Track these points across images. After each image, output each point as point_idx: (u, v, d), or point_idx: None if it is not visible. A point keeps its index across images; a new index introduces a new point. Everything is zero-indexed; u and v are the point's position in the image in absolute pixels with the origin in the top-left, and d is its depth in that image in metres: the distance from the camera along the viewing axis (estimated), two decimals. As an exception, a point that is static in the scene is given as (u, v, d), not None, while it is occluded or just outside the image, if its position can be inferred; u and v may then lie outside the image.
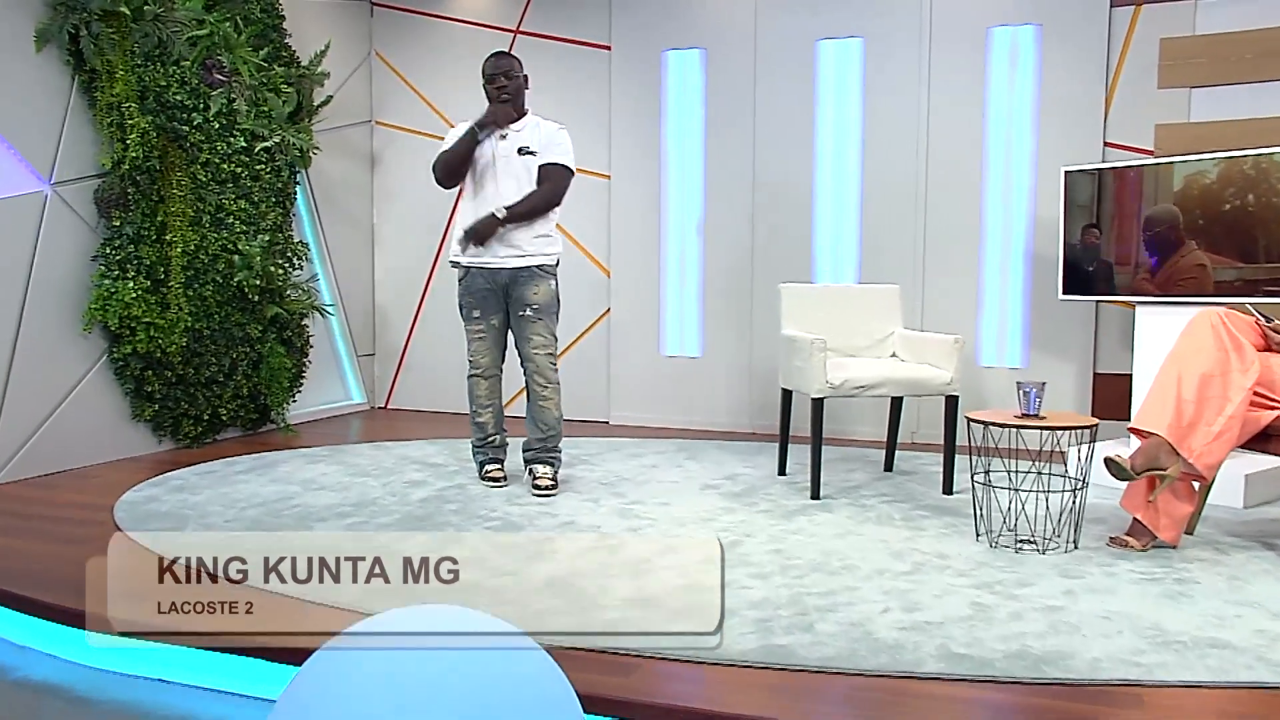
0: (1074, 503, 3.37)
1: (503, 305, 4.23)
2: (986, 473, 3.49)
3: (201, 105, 5.10)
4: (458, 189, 4.38)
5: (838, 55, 5.49)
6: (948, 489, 4.22)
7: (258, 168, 5.45)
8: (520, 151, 4.17)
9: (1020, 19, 5.13)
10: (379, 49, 6.50)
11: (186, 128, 5.03)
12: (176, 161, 4.95)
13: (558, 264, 4.28)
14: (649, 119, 5.87)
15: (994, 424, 3.37)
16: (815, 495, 4.14)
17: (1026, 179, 5.18)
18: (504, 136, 4.20)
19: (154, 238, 4.85)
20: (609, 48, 5.94)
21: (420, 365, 6.56)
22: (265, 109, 5.44)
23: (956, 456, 4.18)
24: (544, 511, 3.91)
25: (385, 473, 4.60)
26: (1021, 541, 3.41)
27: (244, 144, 5.33)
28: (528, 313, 4.18)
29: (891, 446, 4.70)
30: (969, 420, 3.48)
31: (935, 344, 4.32)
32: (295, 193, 5.77)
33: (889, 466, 4.71)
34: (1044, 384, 3.46)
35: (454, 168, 4.18)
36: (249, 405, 5.49)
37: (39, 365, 4.50)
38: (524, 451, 4.35)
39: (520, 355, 4.26)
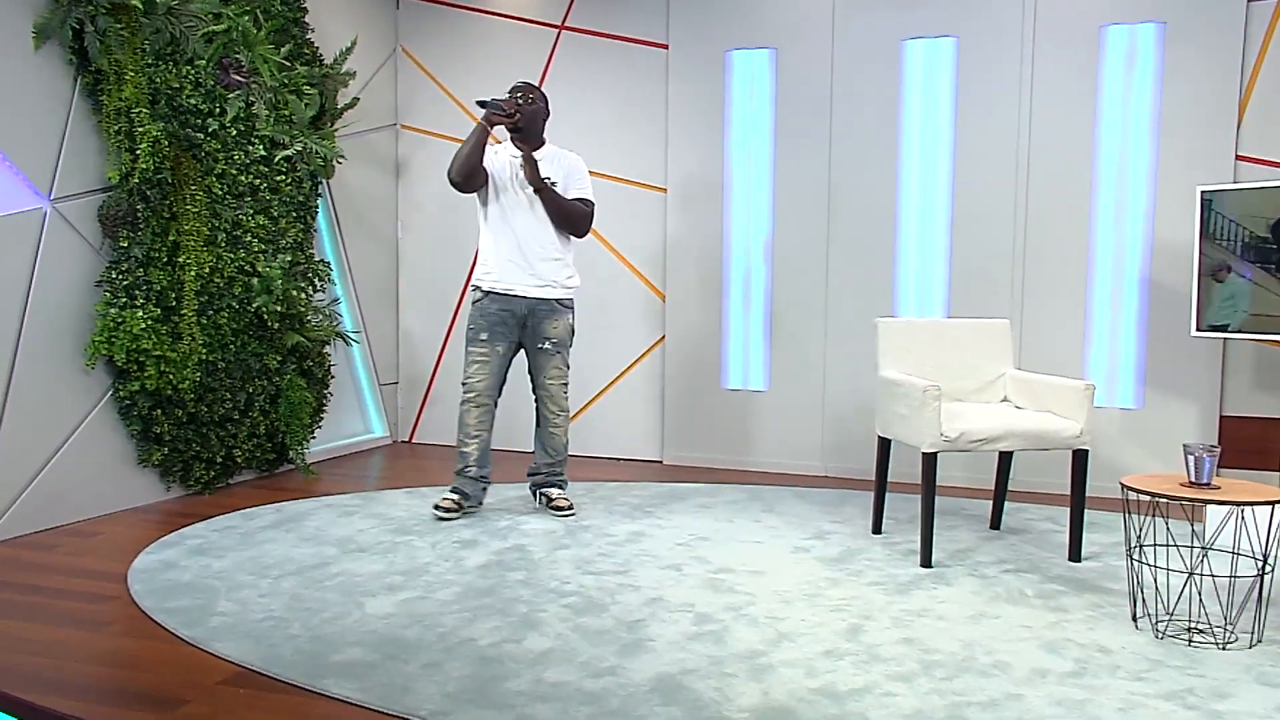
0: (1260, 589, 3.06)
1: (514, 335, 4.42)
2: (1140, 546, 3.18)
3: (217, 110, 4.79)
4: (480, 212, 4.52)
5: (927, 56, 5.19)
6: (1075, 555, 3.91)
7: (277, 179, 5.13)
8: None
9: (1139, 16, 4.83)
10: (405, 45, 6.19)
11: (201, 135, 4.71)
12: (190, 174, 4.63)
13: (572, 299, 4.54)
14: (711, 126, 5.56)
15: (1164, 496, 3.05)
16: (926, 563, 3.83)
17: (1143, 197, 4.87)
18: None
19: (165, 260, 4.53)
20: (666, 46, 5.63)
21: (450, 395, 6.23)
22: (286, 113, 5.12)
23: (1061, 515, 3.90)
24: (625, 584, 3.59)
25: (429, 529, 4.28)
26: (1192, 630, 3.10)
27: (263, 153, 5.02)
28: (546, 346, 4.43)
29: (999, 502, 4.39)
30: (1126, 488, 3.17)
31: (1060, 390, 4.00)
32: (317, 206, 5.45)
33: (996, 524, 4.40)
34: (1217, 448, 3.14)
35: (466, 163, 4.26)
36: (265, 445, 5.17)
37: (36, 406, 4.18)
38: (531, 476, 4.61)
39: (534, 384, 4.52)
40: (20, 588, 3.52)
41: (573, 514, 4.46)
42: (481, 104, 4.27)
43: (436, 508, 4.40)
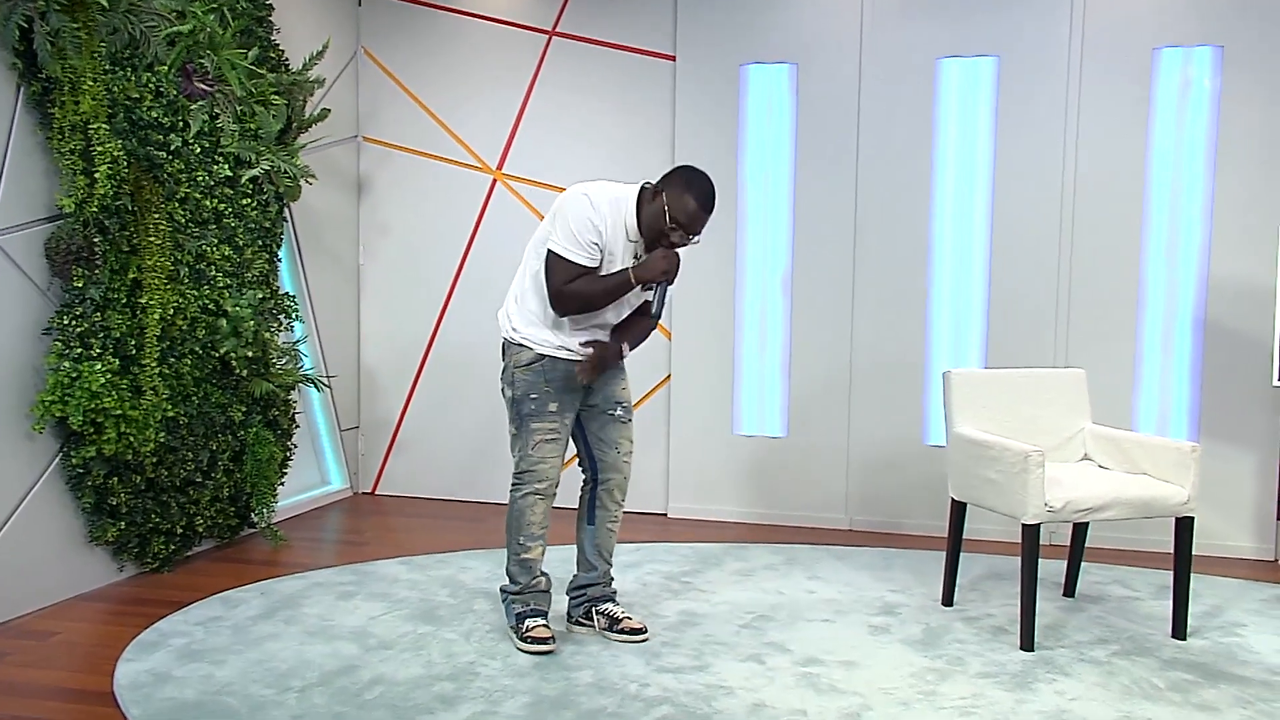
0: None
1: (579, 402, 3.64)
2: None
3: (180, 124, 4.27)
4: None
5: (964, 77, 5.00)
6: (1180, 632, 3.73)
7: (243, 202, 4.63)
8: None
9: (1196, 39, 4.72)
10: (368, 46, 5.72)
11: (163, 154, 4.19)
12: (152, 199, 4.10)
13: None
14: (722, 147, 5.26)
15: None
16: (1028, 646, 3.60)
17: (1198, 232, 4.77)
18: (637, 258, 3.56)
19: (124, 301, 4.00)
20: (673, 58, 5.31)
21: (419, 440, 5.78)
22: (252, 126, 4.62)
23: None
24: (712, 684, 3.25)
25: (454, 613, 3.86)
26: (1364, 730, 2.93)
27: (228, 173, 4.51)
28: (618, 412, 3.69)
29: (1074, 567, 4.21)
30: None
31: (1157, 450, 3.82)
32: (282, 232, 4.95)
33: (1070, 591, 4.21)
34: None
35: (587, 307, 3.49)
36: (228, 509, 4.65)
37: (-25, 480, 3.62)
38: (576, 590, 3.76)
39: (600, 465, 3.71)
40: (-15, 717, 2.99)
41: (648, 637, 3.66)
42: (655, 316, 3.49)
43: (538, 642, 3.51)
